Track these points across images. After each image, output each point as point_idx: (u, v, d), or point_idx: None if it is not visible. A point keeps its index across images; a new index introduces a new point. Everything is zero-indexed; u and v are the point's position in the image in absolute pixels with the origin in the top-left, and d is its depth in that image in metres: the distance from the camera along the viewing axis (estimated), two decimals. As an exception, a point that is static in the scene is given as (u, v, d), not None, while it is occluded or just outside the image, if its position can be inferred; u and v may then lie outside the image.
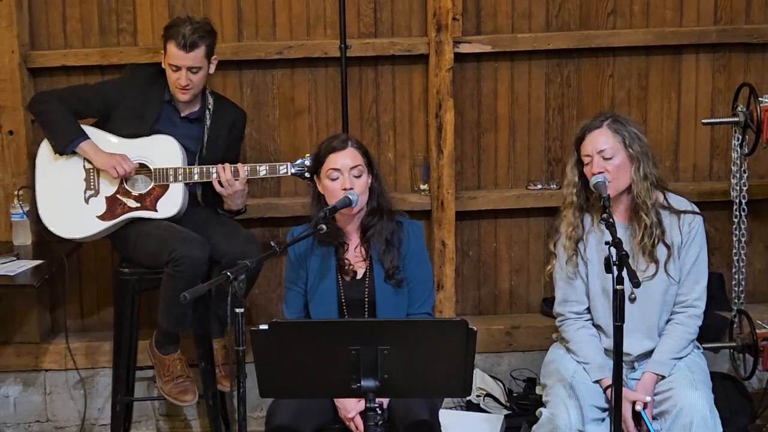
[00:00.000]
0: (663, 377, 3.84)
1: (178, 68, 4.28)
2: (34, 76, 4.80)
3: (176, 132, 4.37)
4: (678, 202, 3.98)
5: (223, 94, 4.66)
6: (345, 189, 3.79)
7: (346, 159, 3.83)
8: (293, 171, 4.26)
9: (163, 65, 4.35)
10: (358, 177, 3.83)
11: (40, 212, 4.40)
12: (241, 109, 4.63)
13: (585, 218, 3.97)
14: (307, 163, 4.22)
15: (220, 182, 4.27)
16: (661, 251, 3.89)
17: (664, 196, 3.96)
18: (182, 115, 4.42)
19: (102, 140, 4.36)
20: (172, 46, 4.26)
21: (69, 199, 4.36)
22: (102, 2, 4.81)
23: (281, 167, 4.30)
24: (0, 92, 4.70)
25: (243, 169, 4.27)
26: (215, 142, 4.43)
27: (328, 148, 3.87)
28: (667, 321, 3.95)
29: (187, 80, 4.29)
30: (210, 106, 4.44)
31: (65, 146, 4.32)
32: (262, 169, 4.30)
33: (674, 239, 3.91)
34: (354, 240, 3.93)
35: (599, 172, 3.81)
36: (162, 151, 4.32)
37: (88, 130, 4.37)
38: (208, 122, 4.42)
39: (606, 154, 3.83)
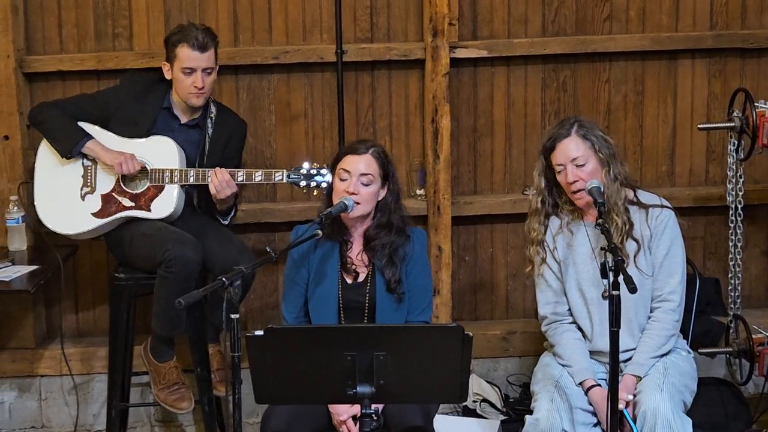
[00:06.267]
0: (641, 378, 3.84)
1: (192, 71, 4.26)
2: (30, 81, 4.79)
3: (175, 137, 4.35)
4: (648, 198, 4.00)
5: (219, 99, 4.65)
6: (348, 192, 3.79)
7: (359, 164, 3.81)
8: (288, 179, 4.26)
9: (167, 75, 4.33)
10: (366, 185, 3.81)
11: (36, 204, 4.41)
12: (243, 120, 4.61)
13: (553, 221, 3.98)
14: (303, 171, 4.21)
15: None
16: (630, 246, 3.90)
17: (634, 193, 3.97)
18: (182, 122, 4.41)
19: (103, 138, 4.35)
20: (186, 48, 4.24)
21: (65, 194, 4.36)
22: (98, 7, 4.80)
23: (276, 174, 4.29)
24: (-5, 97, 4.71)
25: (237, 174, 4.26)
26: (215, 151, 4.41)
27: (349, 149, 3.88)
28: (648, 318, 3.94)
29: (203, 82, 4.27)
30: (212, 115, 4.43)
31: (71, 148, 4.31)
32: (258, 175, 4.30)
33: (643, 233, 3.93)
34: (358, 242, 3.92)
35: (575, 181, 3.84)
36: (160, 151, 4.31)
37: (90, 128, 4.37)
38: (209, 131, 4.41)
39: (579, 161, 3.86)
